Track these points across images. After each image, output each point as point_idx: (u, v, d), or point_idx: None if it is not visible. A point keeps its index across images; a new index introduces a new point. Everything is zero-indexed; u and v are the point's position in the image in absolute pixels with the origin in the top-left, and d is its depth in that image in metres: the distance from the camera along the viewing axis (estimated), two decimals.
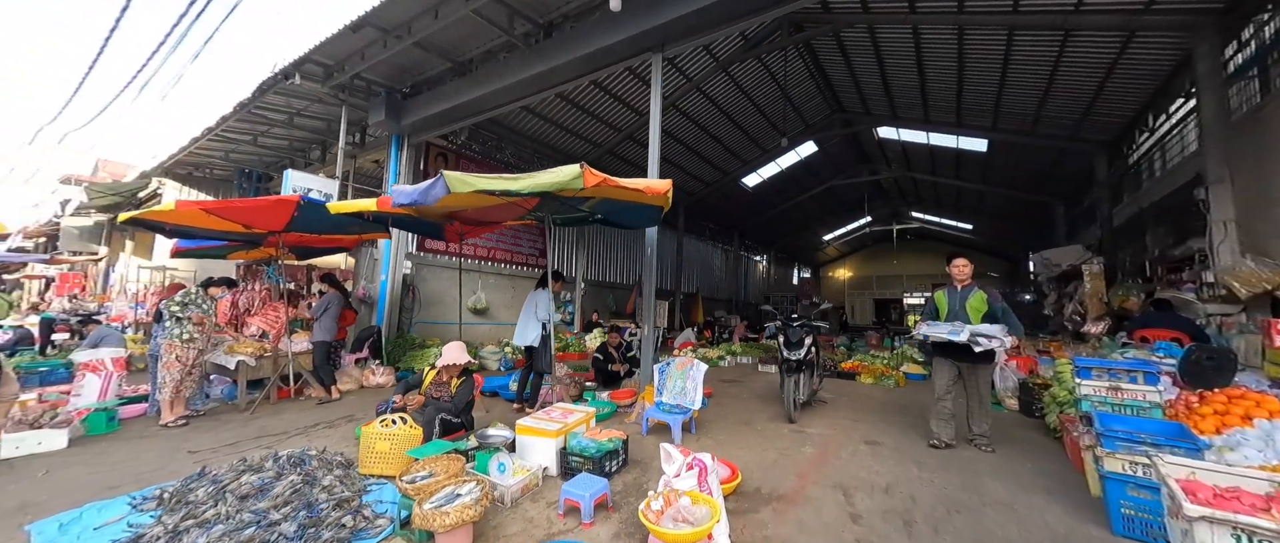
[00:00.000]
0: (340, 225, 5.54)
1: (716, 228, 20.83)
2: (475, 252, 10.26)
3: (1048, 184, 13.85)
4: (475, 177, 2.94)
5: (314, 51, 6.61)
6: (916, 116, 12.55)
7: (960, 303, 3.92)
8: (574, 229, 12.91)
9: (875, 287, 30.55)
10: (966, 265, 4.01)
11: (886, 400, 6.17)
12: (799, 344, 4.88)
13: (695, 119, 12.42)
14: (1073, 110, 9.54)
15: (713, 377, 7.82)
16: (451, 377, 3.66)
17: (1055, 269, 9.67)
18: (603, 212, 4.85)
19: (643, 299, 5.56)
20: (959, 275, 4.01)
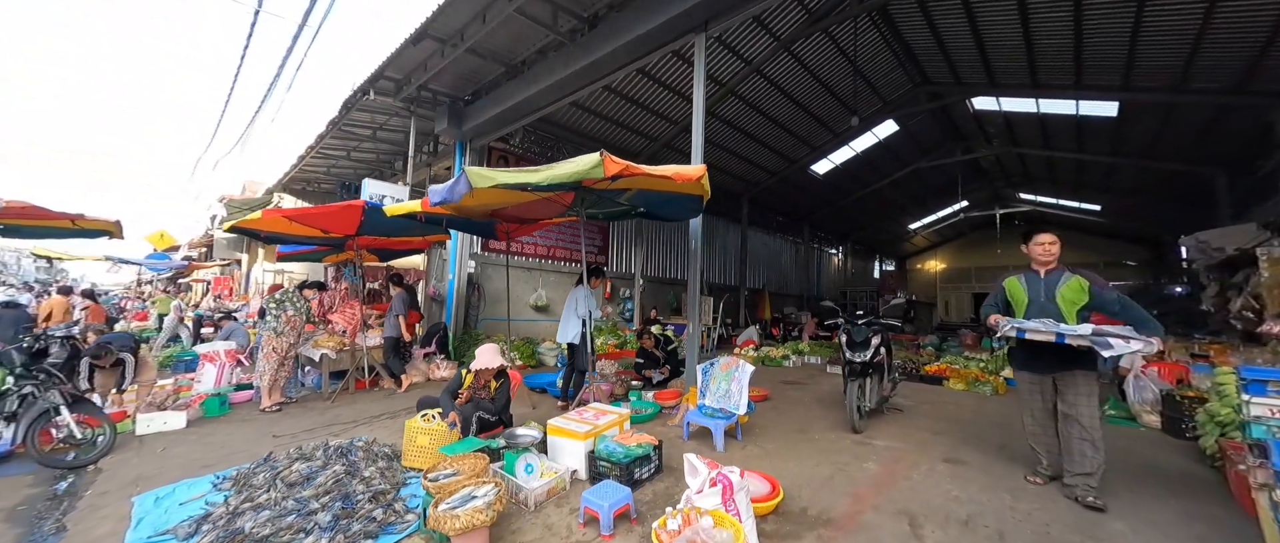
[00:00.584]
0: (405, 229, 5.93)
1: (784, 220, 19.72)
2: (536, 251, 10.58)
3: (1203, 149, 11.24)
4: (495, 171, 2.89)
5: (384, 66, 7.14)
6: (1021, 81, 10.79)
7: (1047, 292, 2.93)
8: (631, 225, 12.86)
9: (974, 280, 27.15)
10: (1054, 243, 3.02)
11: (979, 411, 5.31)
12: (864, 345, 4.32)
13: (756, 105, 11.76)
14: (1238, 55, 7.58)
15: (775, 377, 7.33)
16: (488, 380, 3.69)
17: (1217, 255, 7.76)
18: (642, 204, 4.66)
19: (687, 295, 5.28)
20: (1043, 256, 2.99)
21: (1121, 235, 22.14)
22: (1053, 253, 3.01)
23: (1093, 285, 2.87)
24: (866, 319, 4.54)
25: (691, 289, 5.09)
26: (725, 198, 16.18)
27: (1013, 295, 3.09)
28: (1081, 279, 2.89)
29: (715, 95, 10.89)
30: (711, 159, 13.73)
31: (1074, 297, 2.87)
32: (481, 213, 4.65)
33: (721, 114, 11.78)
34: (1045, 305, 2.92)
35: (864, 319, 4.55)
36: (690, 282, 5.11)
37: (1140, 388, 4.80)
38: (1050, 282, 2.97)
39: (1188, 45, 7.81)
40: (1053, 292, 2.93)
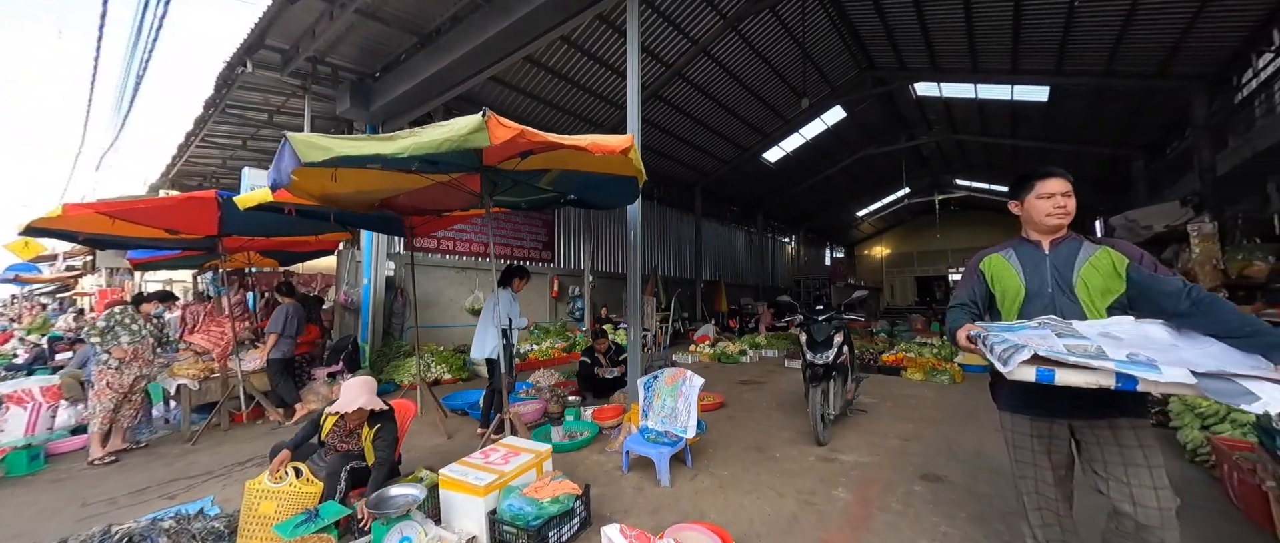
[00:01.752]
0: (296, 226, 4.88)
1: (739, 209, 19.52)
2: (470, 248, 9.56)
3: (1124, 135, 11.87)
4: (333, 139, 2.06)
5: (260, 31, 5.92)
6: (962, 66, 10.89)
7: (1058, 277, 1.71)
8: (578, 217, 12.04)
9: (916, 263, 28.38)
10: (1069, 194, 1.75)
11: (942, 404, 5.00)
12: (826, 344, 3.82)
13: (705, 89, 11.23)
14: (1162, 39, 7.80)
15: (732, 376, 6.83)
16: (359, 424, 2.75)
17: (1145, 233, 8.03)
18: (569, 189, 3.91)
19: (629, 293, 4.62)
20: (1052, 216, 1.75)
21: None
22: (1069, 210, 1.73)
23: (1132, 264, 1.63)
24: (827, 315, 4.05)
25: (631, 287, 4.41)
26: (678, 188, 15.67)
27: (998, 283, 1.80)
28: (1113, 253, 1.68)
29: (662, 78, 10.24)
30: (661, 147, 13.12)
31: (1104, 283, 1.64)
32: (363, 203, 3.74)
33: (670, 98, 11.16)
34: (1055, 299, 1.68)
35: (825, 315, 4.05)
36: (629, 278, 4.43)
37: None
38: (1062, 259, 1.73)
39: (1117, 27, 7.97)
40: (1068, 275, 1.69)
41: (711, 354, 8.79)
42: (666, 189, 15.26)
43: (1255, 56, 7.17)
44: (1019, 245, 1.86)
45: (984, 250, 1.96)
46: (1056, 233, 1.79)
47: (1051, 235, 1.80)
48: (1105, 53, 8.64)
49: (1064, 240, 1.78)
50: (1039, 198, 1.77)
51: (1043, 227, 1.78)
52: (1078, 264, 1.70)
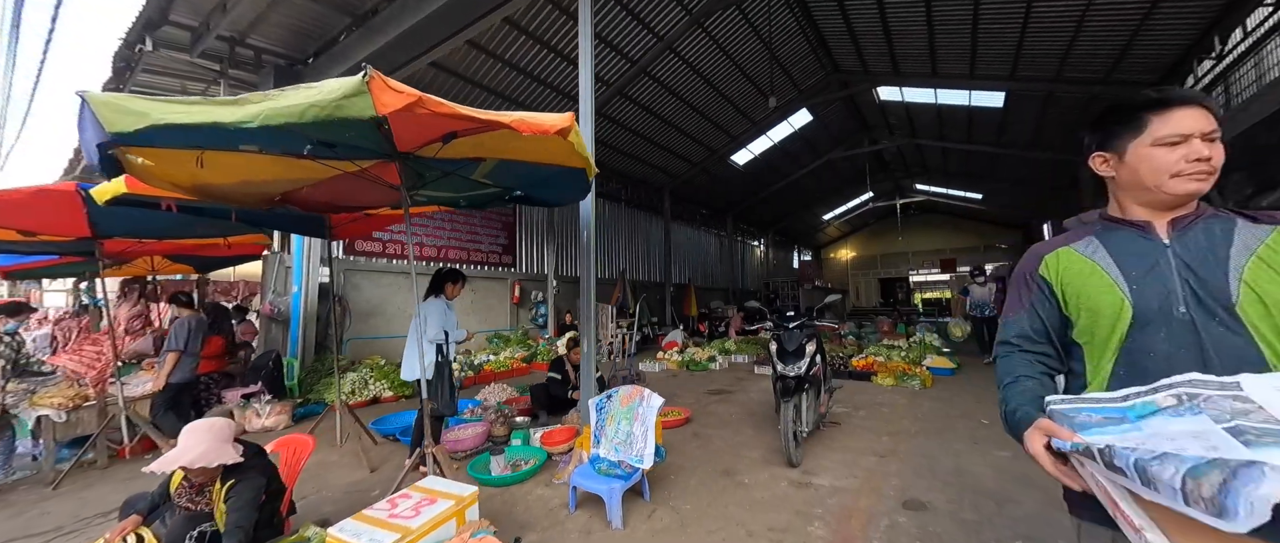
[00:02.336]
0: (189, 227, 4.19)
1: (709, 212, 19.38)
2: (421, 251, 8.86)
3: (1073, 140, 12.34)
4: (152, 101, 1.54)
5: (158, 7, 5.15)
6: (922, 71, 11.04)
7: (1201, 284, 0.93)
8: (541, 218, 11.48)
9: (880, 266, 29.14)
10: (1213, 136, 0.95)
11: (916, 413, 4.79)
12: (798, 354, 3.50)
13: (672, 89, 10.93)
14: (1112, 44, 8.03)
15: (700, 385, 6.46)
16: (209, 480, 2.16)
17: None
18: (511, 183, 3.43)
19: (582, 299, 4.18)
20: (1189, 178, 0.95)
21: (997, 221, 24.76)
22: (1214, 165, 0.96)
23: None
24: (799, 322, 3.73)
25: (584, 292, 3.97)
26: (647, 190, 15.34)
27: (1080, 298, 1.05)
28: None
29: (627, 74, 9.87)
30: (628, 147, 12.75)
31: None
32: (257, 197, 3.14)
33: (636, 97, 10.81)
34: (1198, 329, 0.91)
35: (797, 322, 3.72)
36: (582, 281, 3.99)
37: None
38: (1198, 251, 0.97)
39: (1069, 33, 8.16)
40: (1218, 281, 0.93)
41: (679, 362, 8.43)
42: (635, 191, 14.90)
43: (1196, 63, 7.45)
44: (1107, 230, 1.09)
45: (1042, 245, 1.19)
46: (1185, 205, 1.01)
47: (1174, 211, 1.01)
48: (1057, 59, 8.86)
49: (1197, 219, 1.00)
50: (1159, 144, 0.96)
51: (1164, 195, 0.98)
52: (1234, 260, 0.92)
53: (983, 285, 8.25)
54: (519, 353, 9.03)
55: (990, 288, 8.20)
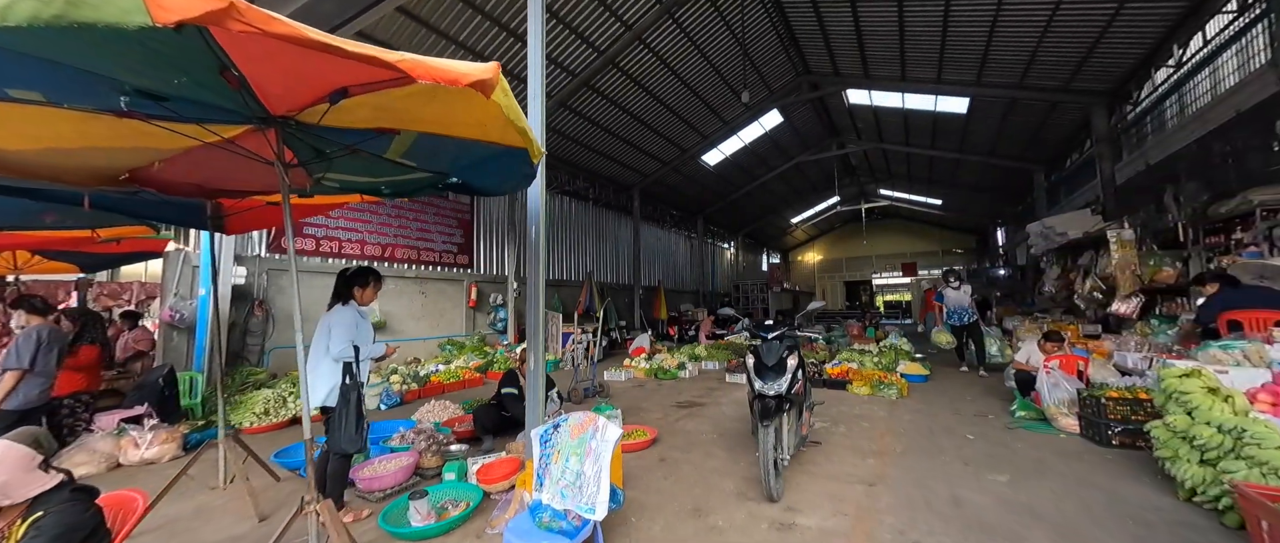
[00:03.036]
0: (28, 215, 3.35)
1: (679, 214, 19.04)
2: (361, 250, 7.99)
3: (1029, 148, 12.70)
4: None
5: None
6: (892, 74, 11.04)
7: None
8: (501, 213, 10.74)
9: (845, 269, 29.72)
10: None
11: (897, 427, 4.47)
12: (778, 369, 3.06)
13: (641, 83, 10.46)
14: (1073, 51, 8.14)
15: (668, 397, 5.97)
16: (11, 522, 1.54)
17: (1059, 239, 8.32)
18: (436, 163, 2.81)
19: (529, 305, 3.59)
20: None
21: (955, 226, 25.68)
22: None
23: None
24: (779, 332, 3.29)
25: (531, 294, 3.39)
26: (615, 189, 14.81)
27: None
28: None
29: (593, 65, 9.32)
30: (597, 144, 12.20)
31: None
32: (81, 173, 2.41)
33: (605, 90, 10.27)
34: None
35: (777, 333, 3.28)
36: (530, 283, 3.41)
37: (1054, 387, 4.28)
38: None
39: (1032, 44, 8.22)
40: None
41: (647, 370, 7.93)
42: (603, 190, 14.35)
43: (1154, 70, 7.60)
44: None
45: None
46: None
47: None
48: (1021, 65, 8.95)
49: None
50: None
51: None
52: None
53: (957, 289, 7.45)
54: (474, 361, 8.30)
55: (966, 291, 7.45)
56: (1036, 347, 5.14)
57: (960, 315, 7.38)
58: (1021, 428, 4.30)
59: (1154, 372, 4.10)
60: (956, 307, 7.41)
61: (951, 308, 7.46)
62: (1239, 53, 6.10)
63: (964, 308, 7.34)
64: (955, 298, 7.41)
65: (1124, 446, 3.66)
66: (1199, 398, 2.74)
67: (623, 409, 5.34)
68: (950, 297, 7.47)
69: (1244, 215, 5.53)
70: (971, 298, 7.39)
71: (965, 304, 7.32)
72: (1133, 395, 3.74)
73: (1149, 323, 5.51)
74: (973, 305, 7.33)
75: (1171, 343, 4.99)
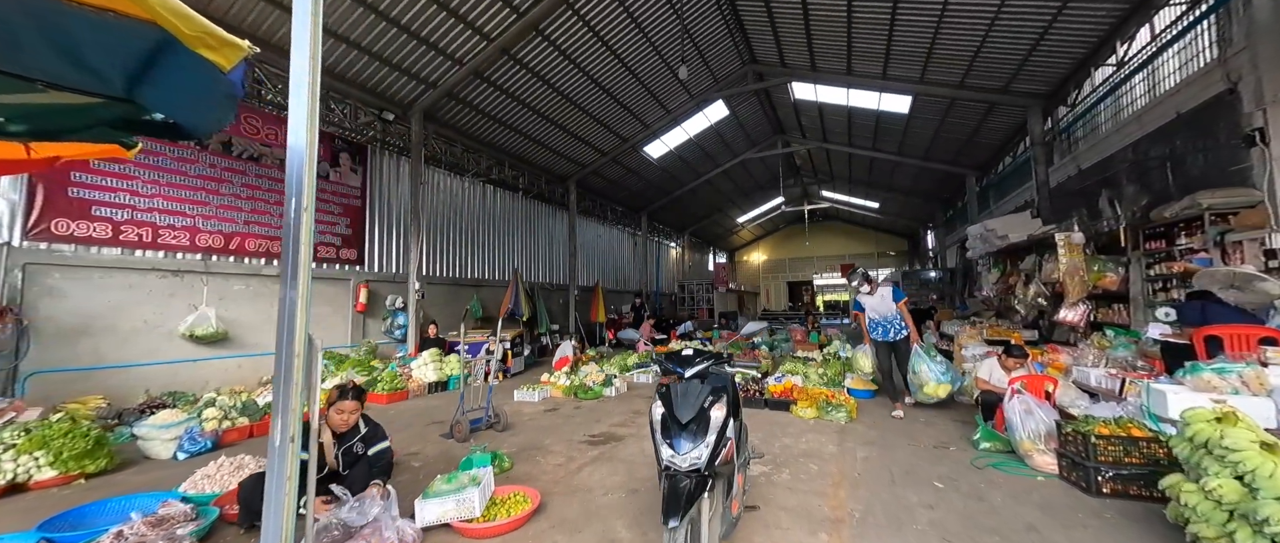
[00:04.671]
0: None
1: (622, 209, 17.94)
2: (193, 240, 6.17)
3: (963, 153, 12.82)
4: None
5: None
6: (838, 68, 10.57)
7: None
8: (400, 197, 9.09)
9: (788, 270, 30.05)
10: None
11: (851, 471, 3.63)
12: (698, 426, 2.02)
13: (573, 57, 9.23)
14: (1016, 48, 7.90)
15: (578, 429, 4.81)
16: None
17: (1000, 242, 8.09)
18: (42, 65, 1.48)
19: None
20: None
21: (889, 229, 26.58)
22: None
23: None
24: (703, 365, 2.25)
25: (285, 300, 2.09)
26: (548, 179, 13.44)
27: None
28: None
29: (513, 27, 7.97)
30: (526, 126, 10.81)
31: None
32: None
33: (530, 62, 8.93)
34: None
35: (699, 366, 2.24)
36: (284, 276, 2.10)
37: (1027, 415, 3.59)
38: None
39: (978, 40, 7.90)
40: None
41: (566, 388, 6.74)
42: (534, 179, 12.93)
43: (1094, 69, 7.46)
44: None
45: None
46: None
47: None
48: (965, 62, 8.66)
49: None
50: None
51: None
52: None
53: (871, 293, 5.36)
54: (354, 377, 6.72)
55: (887, 293, 5.30)
56: (997, 363, 4.52)
57: (887, 328, 5.28)
58: (991, 467, 3.58)
59: (1136, 399, 3.51)
60: (882, 317, 5.32)
61: (875, 319, 5.37)
62: (1181, 52, 5.90)
63: (892, 320, 5.27)
64: (876, 305, 5.33)
65: (1116, 494, 2.99)
66: (1255, 459, 2.01)
67: (516, 450, 4.15)
68: (869, 304, 5.37)
69: (1189, 220, 5.27)
70: (901, 302, 5.27)
71: (892, 313, 5.26)
72: (1124, 432, 3.07)
73: (1105, 334, 5.09)
74: (903, 314, 5.25)
75: (1133, 358, 4.54)
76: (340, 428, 2.76)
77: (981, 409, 4.48)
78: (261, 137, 6.91)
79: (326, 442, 2.75)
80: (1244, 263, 4.37)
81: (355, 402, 2.81)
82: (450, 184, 10.58)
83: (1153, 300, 5.73)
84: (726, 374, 2.33)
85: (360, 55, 7.40)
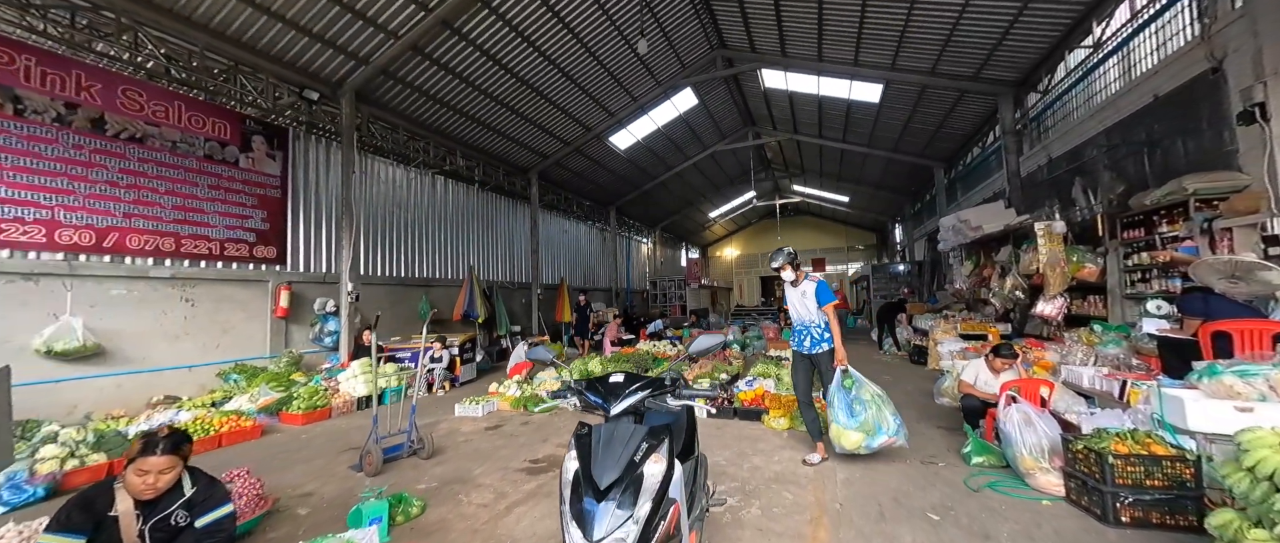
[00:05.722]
0: None
1: (591, 204, 17.18)
2: (58, 236, 5.11)
3: (931, 145, 12.69)
4: None
5: None
6: (809, 54, 10.15)
7: None
8: (329, 187, 8.09)
9: (761, 264, 29.93)
10: None
11: (831, 500, 3.13)
12: (623, 491, 1.39)
13: (529, 37, 8.42)
14: (990, 30, 7.59)
15: (524, 447, 4.09)
16: None
17: (974, 233, 7.82)
18: None
19: None
20: None
21: (859, 224, 26.79)
22: None
23: None
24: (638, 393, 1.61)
25: None
26: (507, 170, 12.54)
27: None
28: None
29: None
30: (482, 114, 9.92)
31: None
32: None
33: (480, 41, 8.07)
34: None
35: (631, 396, 1.60)
36: None
37: (1025, 426, 3.13)
38: None
39: (953, 16, 7.56)
40: None
41: (515, 399, 6.01)
42: (492, 170, 12.02)
43: (1067, 53, 7.21)
44: None
45: None
46: None
47: None
48: (938, 46, 8.34)
49: None
50: None
51: None
52: None
53: (795, 284, 3.79)
54: (266, 397, 5.81)
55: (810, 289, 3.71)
56: (985, 365, 4.09)
57: (804, 335, 3.73)
58: (989, 488, 3.11)
59: (1145, 406, 3.09)
60: (801, 321, 3.78)
61: (795, 321, 3.86)
62: (1159, 32, 5.65)
63: (809, 324, 3.71)
64: (797, 302, 3.80)
65: (1136, 523, 2.54)
66: None
67: (436, 486, 3.43)
68: (791, 298, 3.86)
69: (1171, 207, 5.00)
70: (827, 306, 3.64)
71: (813, 318, 3.69)
72: (1144, 449, 2.62)
73: (1093, 329, 4.75)
74: (831, 321, 3.62)
75: (1126, 355, 4.19)
76: (145, 495, 1.97)
77: (965, 416, 4.05)
78: (147, 114, 5.85)
79: (125, 513, 1.97)
80: (1233, 251, 4.08)
81: (169, 458, 2.02)
82: (394, 174, 9.61)
83: (1131, 292, 5.49)
84: (672, 419, 1.69)
85: (273, 22, 6.40)
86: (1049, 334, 6.19)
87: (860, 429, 3.44)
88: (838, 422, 3.50)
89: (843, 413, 3.49)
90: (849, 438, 3.46)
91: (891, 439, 3.45)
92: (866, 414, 3.46)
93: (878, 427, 3.44)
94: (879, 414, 3.47)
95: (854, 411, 3.49)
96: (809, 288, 3.77)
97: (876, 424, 3.44)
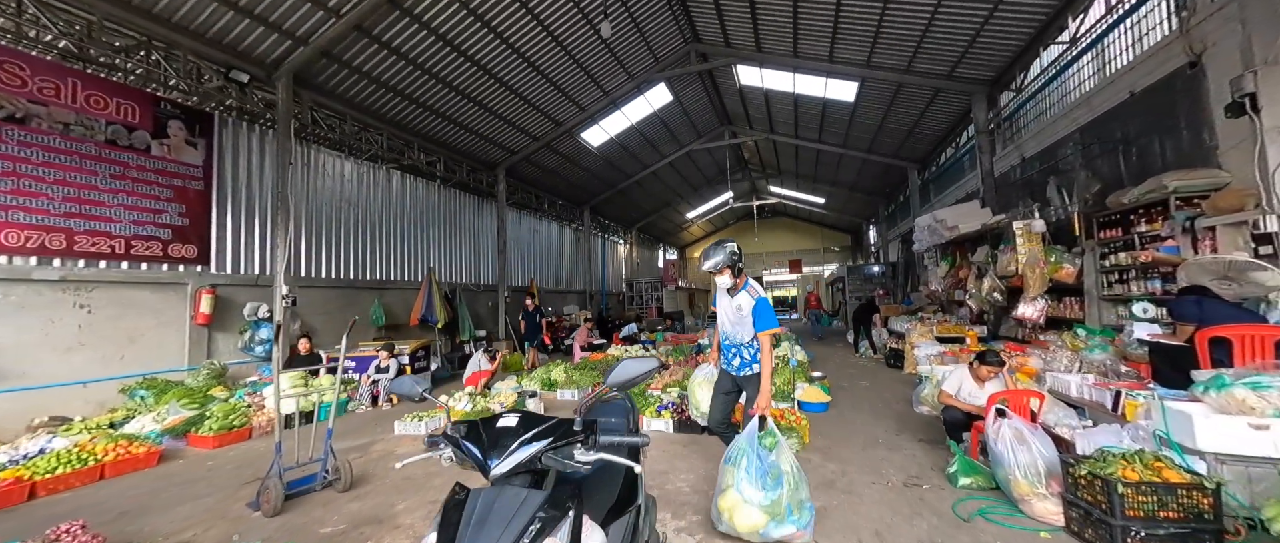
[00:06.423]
0: None
1: (564, 203, 16.60)
2: None
3: (905, 146, 12.64)
4: None
5: None
6: (784, 50, 9.88)
7: None
8: (262, 179, 7.33)
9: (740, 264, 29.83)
10: None
11: None
12: None
13: (487, 20, 7.85)
14: (965, 26, 7.43)
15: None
16: None
17: (950, 233, 7.65)
18: None
19: None
20: None
21: (834, 225, 26.97)
22: None
23: None
24: (533, 444, 1.14)
25: None
26: (472, 167, 11.87)
27: None
28: None
29: None
30: (442, 106, 9.26)
31: None
32: None
33: (432, 22, 7.45)
34: None
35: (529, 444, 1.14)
36: None
37: (1018, 445, 2.79)
38: None
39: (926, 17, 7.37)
40: None
41: (466, 414, 5.45)
42: (454, 166, 11.34)
43: (1042, 49, 7.09)
44: None
45: None
46: None
47: None
48: (913, 43, 8.15)
49: None
50: None
51: None
52: None
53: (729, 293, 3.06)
54: (176, 416, 5.08)
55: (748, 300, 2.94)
56: (969, 374, 3.77)
57: (730, 356, 3.05)
58: (980, 516, 2.75)
59: (1146, 421, 2.79)
60: (727, 337, 3.08)
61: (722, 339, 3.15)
62: (1134, 28, 5.51)
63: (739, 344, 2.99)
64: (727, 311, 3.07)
65: None
66: None
67: (342, 529, 2.87)
68: (721, 306, 3.15)
69: (1150, 206, 4.83)
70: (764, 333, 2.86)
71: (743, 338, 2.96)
72: (1155, 475, 2.29)
73: (1077, 333, 4.52)
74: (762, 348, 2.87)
75: (1113, 361, 3.94)
76: None
77: (948, 429, 3.73)
78: (30, 92, 5.05)
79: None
80: (1216, 250, 3.89)
81: None
82: (343, 168, 8.87)
83: (1109, 293, 5.33)
84: (581, 466, 1.21)
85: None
86: (1025, 337, 6.01)
87: (767, 510, 2.38)
88: (739, 490, 2.44)
89: (749, 480, 2.43)
90: (745, 517, 2.40)
91: (798, 533, 2.42)
92: (779, 492, 2.40)
93: (788, 511, 2.39)
94: (794, 495, 2.42)
95: (765, 481, 2.42)
96: (746, 303, 2.91)
97: (787, 508, 2.39)
